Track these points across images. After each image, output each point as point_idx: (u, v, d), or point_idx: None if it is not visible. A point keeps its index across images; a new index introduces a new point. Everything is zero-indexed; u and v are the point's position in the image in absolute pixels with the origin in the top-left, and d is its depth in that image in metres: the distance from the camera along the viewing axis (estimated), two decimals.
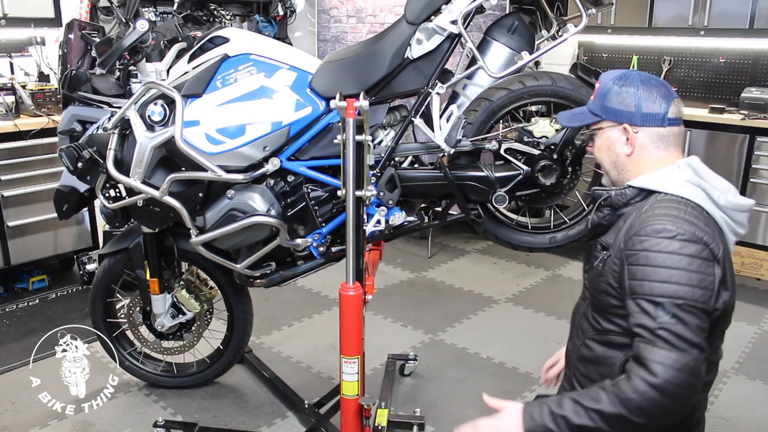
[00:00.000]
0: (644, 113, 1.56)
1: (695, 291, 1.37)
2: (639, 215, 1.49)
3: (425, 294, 3.97)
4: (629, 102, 1.56)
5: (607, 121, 1.60)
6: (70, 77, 2.34)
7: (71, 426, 2.64)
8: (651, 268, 1.40)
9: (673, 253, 1.39)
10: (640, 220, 1.47)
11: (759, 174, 4.11)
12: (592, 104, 1.64)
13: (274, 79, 2.17)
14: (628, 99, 1.56)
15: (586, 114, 1.65)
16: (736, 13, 4.19)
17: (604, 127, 1.62)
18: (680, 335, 1.34)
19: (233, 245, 2.32)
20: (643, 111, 1.56)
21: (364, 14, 5.07)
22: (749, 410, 2.79)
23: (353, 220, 1.96)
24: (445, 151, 2.19)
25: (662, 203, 1.49)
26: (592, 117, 1.63)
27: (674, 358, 1.33)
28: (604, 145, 1.63)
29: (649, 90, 1.57)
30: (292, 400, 2.76)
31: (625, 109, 1.57)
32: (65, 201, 2.51)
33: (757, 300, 3.92)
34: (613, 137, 1.60)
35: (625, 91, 1.57)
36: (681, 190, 1.51)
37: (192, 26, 4.49)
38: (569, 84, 2.22)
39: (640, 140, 1.57)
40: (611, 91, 1.59)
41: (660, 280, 1.38)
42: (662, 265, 1.39)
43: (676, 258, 1.39)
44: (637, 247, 1.43)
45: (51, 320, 3.52)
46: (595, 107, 1.63)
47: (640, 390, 1.33)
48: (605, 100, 1.59)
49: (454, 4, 2.09)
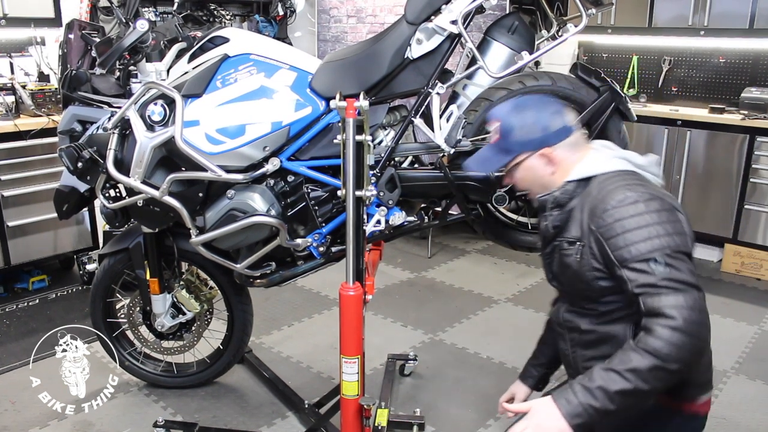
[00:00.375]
0: (553, 132, 1.66)
1: (674, 238, 1.47)
2: (594, 198, 1.58)
3: (425, 294, 3.97)
4: (535, 129, 1.66)
5: (523, 153, 1.68)
6: (70, 77, 2.34)
7: (71, 426, 2.64)
8: (630, 232, 1.49)
9: (642, 213, 1.49)
10: (597, 200, 1.57)
11: (759, 174, 4.11)
12: (500, 144, 1.71)
13: (274, 79, 2.17)
14: (533, 127, 1.66)
15: (498, 156, 1.72)
16: (736, 13, 4.19)
17: (521, 160, 1.69)
18: (679, 279, 1.43)
19: (233, 245, 2.32)
20: (551, 131, 1.66)
21: (364, 14, 5.07)
22: (749, 410, 2.79)
23: (353, 220, 1.96)
24: (445, 151, 2.20)
25: (607, 181, 1.59)
26: (506, 156, 1.71)
27: (683, 300, 1.41)
28: (527, 175, 1.72)
29: (545, 110, 1.69)
30: (292, 400, 2.76)
31: (534, 136, 1.66)
32: (65, 201, 2.51)
33: (757, 300, 3.92)
34: (533, 164, 1.69)
35: (525, 121, 1.67)
36: (613, 165, 1.64)
37: (192, 26, 4.49)
38: (569, 84, 2.22)
39: (559, 156, 1.67)
40: (513, 126, 1.67)
41: (642, 240, 1.47)
42: (638, 227, 1.48)
43: (647, 216, 1.49)
44: (609, 220, 1.52)
45: (51, 320, 3.52)
46: (504, 146, 1.70)
47: (665, 337, 1.39)
48: (511, 136, 1.68)
49: (454, 4, 2.09)
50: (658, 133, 4.47)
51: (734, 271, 4.31)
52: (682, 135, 4.37)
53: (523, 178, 1.74)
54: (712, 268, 4.43)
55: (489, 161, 1.75)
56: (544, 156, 1.67)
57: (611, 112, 2.20)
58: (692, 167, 4.36)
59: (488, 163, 1.76)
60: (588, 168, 1.65)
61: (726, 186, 4.24)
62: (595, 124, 2.20)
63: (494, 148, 1.73)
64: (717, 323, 3.61)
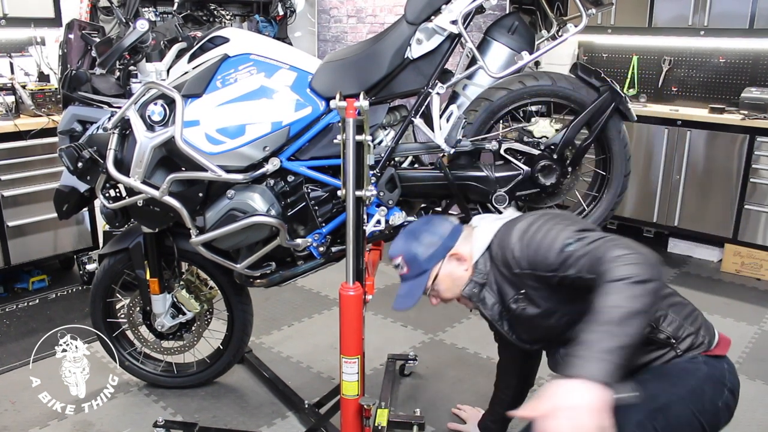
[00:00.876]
0: (448, 236, 1.86)
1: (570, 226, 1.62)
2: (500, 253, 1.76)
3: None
4: (433, 241, 1.85)
5: (434, 267, 1.85)
6: (70, 77, 2.34)
7: (71, 426, 2.64)
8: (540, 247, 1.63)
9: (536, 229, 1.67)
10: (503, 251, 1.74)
11: (759, 174, 4.11)
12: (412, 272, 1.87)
13: (274, 79, 2.17)
14: (429, 242, 1.85)
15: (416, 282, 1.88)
16: (736, 13, 4.19)
17: (436, 272, 1.86)
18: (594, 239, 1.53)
19: (233, 245, 2.32)
20: (446, 235, 1.86)
21: (364, 14, 5.07)
22: (749, 410, 2.79)
23: (353, 220, 1.96)
24: (445, 151, 2.19)
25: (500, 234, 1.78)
26: (423, 276, 1.87)
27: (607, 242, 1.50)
28: (447, 280, 1.88)
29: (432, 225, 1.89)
30: (292, 400, 2.76)
31: (435, 248, 1.85)
32: (65, 201, 2.51)
33: (757, 300, 3.92)
34: (448, 269, 1.86)
35: (423, 241, 1.86)
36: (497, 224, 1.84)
37: (192, 26, 4.49)
38: (569, 84, 2.22)
39: (463, 251, 1.85)
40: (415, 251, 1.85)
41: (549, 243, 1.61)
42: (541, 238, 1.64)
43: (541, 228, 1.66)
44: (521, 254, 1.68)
45: (51, 320, 3.52)
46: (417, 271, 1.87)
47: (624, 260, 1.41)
48: (418, 259, 1.85)
49: (454, 4, 2.08)
50: (658, 133, 4.47)
51: (734, 271, 4.31)
52: (682, 135, 4.37)
53: (447, 286, 1.89)
54: (712, 268, 4.43)
55: (412, 290, 1.88)
56: (452, 257, 1.85)
57: (611, 112, 2.19)
58: (692, 167, 4.36)
59: (412, 293, 1.89)
60: (482, 241, 1.83)
61: (726, 186, 4.24)
62: (595, 124, 2.20)
63: (409, 279, 1.89)
64: (717, 323, 3.60)
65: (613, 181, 2.32)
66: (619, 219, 4.81)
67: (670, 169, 4.44)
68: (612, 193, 2.32)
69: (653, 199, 4.56)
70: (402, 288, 1.91)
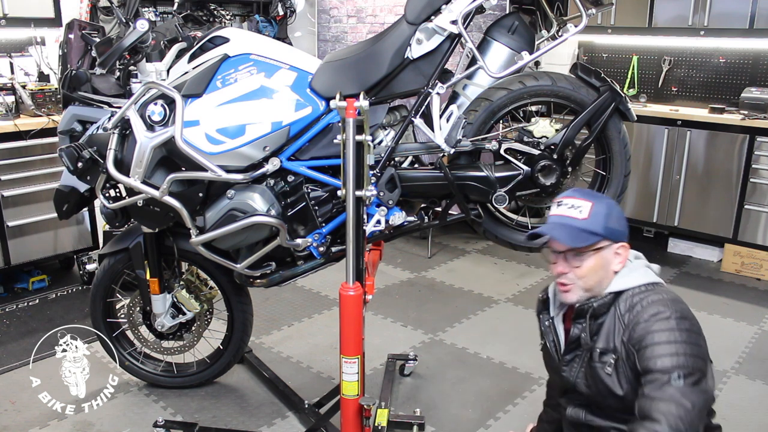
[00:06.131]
0: (624, 231, 1.71)
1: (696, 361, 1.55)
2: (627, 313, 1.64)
3: (425, 294, 3.97)
4: (623, 222, 1.70)
5: (606, 240, 1.67)
6: (70, 77, 2.34)
7: (71, 426, 2.64)
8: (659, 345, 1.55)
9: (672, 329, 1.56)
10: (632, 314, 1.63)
11: (759, 174, 4.11)
12: (589, 223, 1.66)
13: (274, 79, 2.17)
14: (622, 219, 1.70)
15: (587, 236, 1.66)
16: (736, 13, 4.19)
17: (603, 246, 1.67)
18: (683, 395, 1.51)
19: (233, 245, 2.32)
20: (625, 230, 1.72)
21: (364, 14, 5.07)
22: (749, 410, 2.79)
23: (353, 220, 1.96)
24: (445, 151, 2.19)
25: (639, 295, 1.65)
26: (591, 237, 1.66)
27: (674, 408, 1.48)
28: (598, 264, 1.68)
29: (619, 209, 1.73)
30: (292, 400, 2.75)
31: (622, 228, 1.70)
32: (65, 201, 2.51)
33: (757, 300, 3.92)
34: (609, 257, 1.69)
35: (617, 211, 1.70)
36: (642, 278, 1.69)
37: (192, 26, 4.49)
38: (569, 84, 2.22)
39: (626, 256, 1.71)
40: (612, 210, 1.68)
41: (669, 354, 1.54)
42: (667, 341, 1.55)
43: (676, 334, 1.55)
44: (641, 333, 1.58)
45: (51, 320, 3.52)
46: (593, 228, 1.66)
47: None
48: (608, 220, 1.66)
49: (454, 4, 2.09)
50: (658, 133, 4.47)
51: (734, 271, 4.31)
52: (682, 135, 4.37)
53: (593, 267, 1.68)
54: (712, 268, 4.44)
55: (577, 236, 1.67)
56: (620, 250, 1.69)
57: (611, 112, 2.19)
58: (692, 167, 4.36)
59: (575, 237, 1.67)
60: (625, 281, 1.69)
61: (726, 186, 4.24)
62: (595, 124, 2.20)
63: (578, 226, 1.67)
64: (717, 323, 3.63)
65: (613, 181, 2.32)
66: None
67: (670, 169, 4.44)
68: (612, 193, 2.32)
69: (653, 199, 4.56)
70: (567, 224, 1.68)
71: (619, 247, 1.69)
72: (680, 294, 1.70)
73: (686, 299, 1.72)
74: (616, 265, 1.70)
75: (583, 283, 1.70)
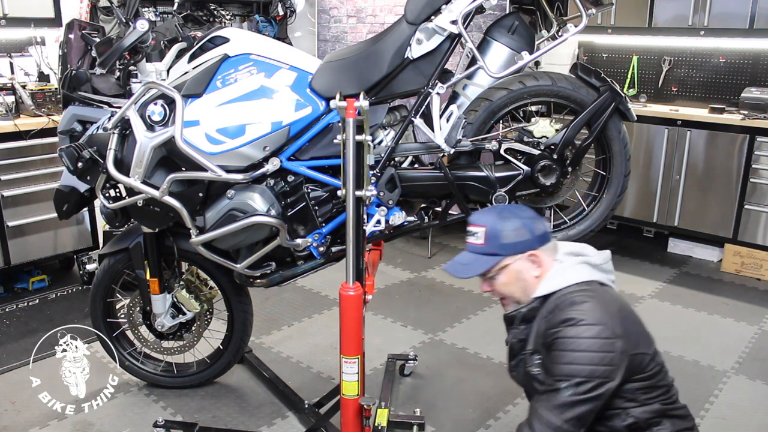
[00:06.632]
0: (538, 236, 1.75)
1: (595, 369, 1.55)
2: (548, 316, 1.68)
3: (425, 294, 3.97)
4: (523, 232, 1.73)
5: (510, 256, 1.74)
6: (70, 77, 2.34)
7: (71, 426, 2.64)
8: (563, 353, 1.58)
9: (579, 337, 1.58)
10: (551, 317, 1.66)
11: (759, 174, 4.11)
12: (486, 248, 1.75)
13: (274, 79, 2.17)
14: (521, 230, 1.74)
15: (482, 259, 1.76)
16: (736, 13, 4.19)
17: (507, 263, 1.75)
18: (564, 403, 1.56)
19: (233, 245, 2.32)
20: (536, 234, 1.74)
21: (364, 14, 5.07)
22: (749, 410, 2.79)
23: (353, 220, 1.96)
24: (445, 151, 2.19)
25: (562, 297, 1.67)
26: (492, 259, 1.75)
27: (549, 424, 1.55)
28: (512, 278, 1.76)
29: (527, 216, 1.78)
30: (292, 400, 2.76)
31: (523, 239, 1.73)
32: (65, 201, 2.51)
33: (757, 300, 3.92)
34: (520, 267, 1.75)
35: (513, 225, 1.74)
36: (574, 276, 1.71)
37: (192, 26, 4.49)
38: (569, 84, 2.22)
39: (543, 259, 1.74)
40: (501, 229, 1.74)
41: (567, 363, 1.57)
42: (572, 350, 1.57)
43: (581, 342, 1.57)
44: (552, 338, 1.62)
45: (51, 320, 3.52)
46: (491, 249, 1.75)
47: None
48: (500, 239, 1.74)
49: (454, 4, 2.09)
50: (658, 133, 4.47)
51: (734, 271, 4.31)
52: (682, 135, 4.37)
53: (507, 282, 1.76)
54: (712, 268, 4.43)
55: (474, 265, 1.77)
56: (531, 258, 1.74)
57: (611, 112, 2.19)
58: (692, 167, 4.36)
59: (473, 267, 1.77)
60: (552, 283, 1.72)
61: (726, 186, 4.24)
62: (595, 124, 2.20)
63: (477, 252, 1.77)
64: (717, 323, 3.63)
65: (613, 181, 2.32)
66: (619, 219, 4.81)
67: (670, 169, 4.44)
68: (612, 193, 2.32)
69: (653, 199, 4.56)
70: (465, 256, 1.81)
71: (528, 256, 1.74)
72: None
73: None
74: (534, 272, 1.75)
75: (508, 296, 1.80)
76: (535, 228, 1.75)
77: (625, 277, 4.19)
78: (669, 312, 3.66)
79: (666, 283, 4.14)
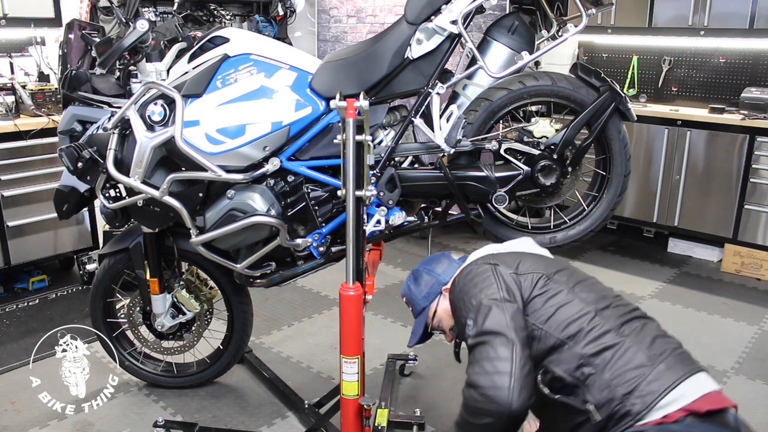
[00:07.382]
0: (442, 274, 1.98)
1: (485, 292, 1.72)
2: None
3: None
4: (428, 279, 1.99)
5: (431, 303, 1.98)
6: (70, 77, 2.34)
7: (71, 426, 2.64)
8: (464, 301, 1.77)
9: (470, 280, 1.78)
10: None
11: (759, 174, 4.11)
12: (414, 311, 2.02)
13: (274, 79, 2.17)
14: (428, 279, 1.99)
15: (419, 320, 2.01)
16: (736, 13, 4.19)
17: (433, 307, 1.98)
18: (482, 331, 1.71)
19: (233, 245, 2.32)
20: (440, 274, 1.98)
21: (364, 14, 5.07)
22: (749, 410, 2.79)
23: (353, 220, 1.96)
24: (445, 151, 2.20)
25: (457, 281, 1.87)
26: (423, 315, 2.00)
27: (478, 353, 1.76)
28: (445, 316, 1.95)
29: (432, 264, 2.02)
30: (292, 400, 2.76)
31: (431, 285, 1.98)
32: (65, 201, 2.50)
33: (757, 300, 3.92)
34: (444, 305, 1.95)
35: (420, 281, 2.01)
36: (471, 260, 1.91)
37: (192, 26, 4.49)
38: (569, 84, 2.22)
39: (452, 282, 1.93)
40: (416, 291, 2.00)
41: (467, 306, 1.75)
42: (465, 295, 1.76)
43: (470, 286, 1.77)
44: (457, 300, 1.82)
45: (51, 320, 3.53)
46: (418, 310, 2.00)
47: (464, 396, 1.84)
48: (419, 299, 1.99)
49: (454, 4, 2.09)
50: (658, 133, 4.47)
51: (734, 271, 4.31)
52: (682, 135, 4.37)
53: (444, 319, 1.96)
54: (712, 268, 4.44)
55: (416, 329, 2.02)
56: (445, 292, 1.95)
57: (611, 112, 2.19)
58: (692, 167, 4.36)
59: (417, 330, 2.01)
60: None
61: (726, 186, 4.24)
62: (595, 124, 2.20)
63: (415, 316, 2.02)
64: (717, 323, 3.63)
65: (613, 181, 2.32)
66: (619, 219, 4.81)
67: (670, 169, 4.44)
68: (612, 193, 2.32)
69: (653, 199, 4.56)
70: (414, 325, 2.04)
71: (442, 291, 1.96)
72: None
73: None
74: None
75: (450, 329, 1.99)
76: (439, 269, 1.99)
77: (625, 277, 4.19)
78: (669, 312, 3.66)
79: (666, 283, 4.14)
